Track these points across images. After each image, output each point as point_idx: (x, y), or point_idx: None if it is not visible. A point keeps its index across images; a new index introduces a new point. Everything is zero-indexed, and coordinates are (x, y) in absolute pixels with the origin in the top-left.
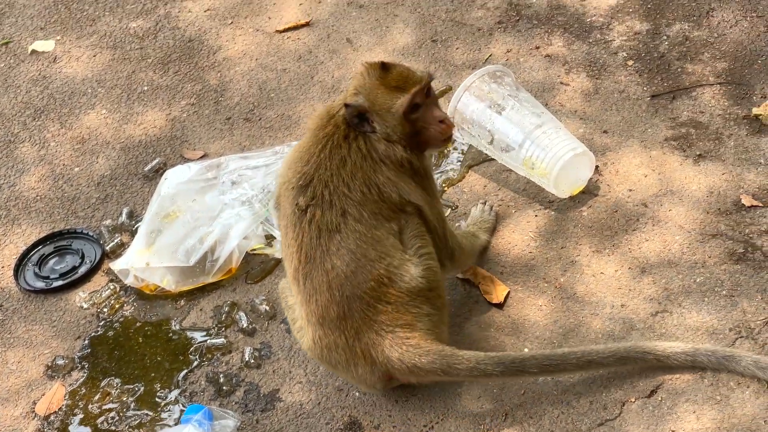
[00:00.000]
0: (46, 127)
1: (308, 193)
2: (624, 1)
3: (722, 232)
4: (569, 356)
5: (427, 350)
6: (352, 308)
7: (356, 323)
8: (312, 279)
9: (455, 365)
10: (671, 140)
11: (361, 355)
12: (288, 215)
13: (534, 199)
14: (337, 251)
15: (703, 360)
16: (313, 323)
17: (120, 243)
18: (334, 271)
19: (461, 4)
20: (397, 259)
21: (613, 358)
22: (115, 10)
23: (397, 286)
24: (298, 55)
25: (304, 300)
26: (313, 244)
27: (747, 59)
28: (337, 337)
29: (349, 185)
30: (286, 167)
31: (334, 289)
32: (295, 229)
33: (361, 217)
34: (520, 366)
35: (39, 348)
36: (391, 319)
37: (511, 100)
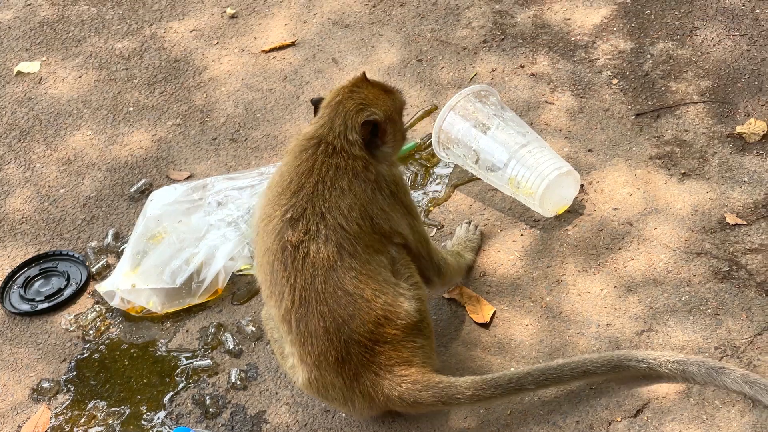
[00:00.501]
0: (31, 148)
1: (300, 227)
2: (608, 20)
3: (707, 250)
4: (564, 368)
5: (425, 385)
6: (351, 352)
7: (354, 366)
8: (307, 323)
9: (455, 395)
10: (656, 159)
11: (360, 395)
12: (274, 251)
13: (519, 219)
14: (334, 293)
15: (692, 371)
16: (308, 364)
17: (106, 265)
18: (331, 315)
19: (446, 23)
20: (390, 296)
21: (607, 366)
22: (100, 31)
23: (394, 324)
24: (283, 75)
25: (297, 341)
26: (308, 286)
27: (730, 77)
28: (334, 379)
29: (347, 217)
30: (265, 202)
31: (332, 333)
32: (287, 268)
33: (355, 252)
34: (517, 384)
35: (24, 371)
36: (389, 359)
37: (496, 119)
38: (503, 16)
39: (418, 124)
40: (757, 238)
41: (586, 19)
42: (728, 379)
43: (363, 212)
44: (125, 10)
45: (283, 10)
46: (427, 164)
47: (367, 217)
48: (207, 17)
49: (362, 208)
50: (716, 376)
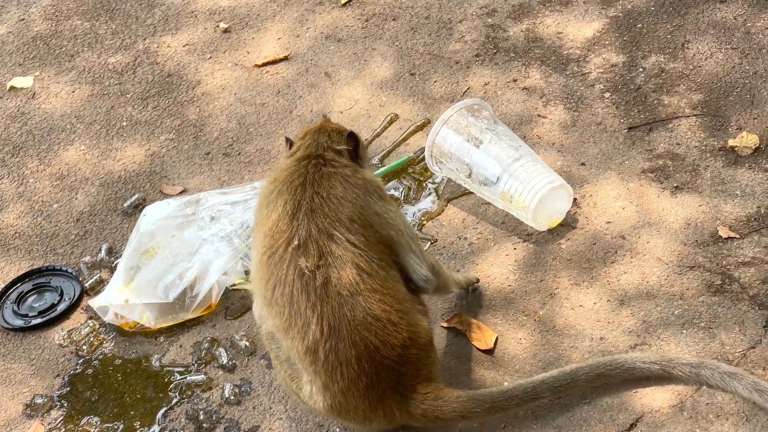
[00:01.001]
0: (24, 163)
1: (312, 252)
2: (600, 33)
3: (700, 263)
4: (578, 372)
5: (446, 400)
6: (380, 377)
7: (382, 389)
8: (338, 353)
9: (474, 409)
10: (648, 172)
11: (383, 415)
12: (291, 281)
13: (513, 232)
14: (364, 320)
15: (706, 374)
16: (333, 392)
17: (99, 280)
18: (362, 343)
19: (439, 37)
20: (411, 315)
21: (621, 369)
22: (93, 46)
23: (416, 344)
24: (276, 90)
25: (323, 371)
26: (337, 315)
27: (722, 91)
28: (360, 403)
29: (351, 230)
30: (263, 235)
31: (364, 361)
32: (309, 297)
33: (372, 270)
34: (533, 393)
35: (18, 386)
36: (411, 378)
37: (489, 133)
38: (496, 30)
39: (410, 138)
40: (750, 251)
41: (578, 32)
42: (740, 386)
43: (363, 221)
44: (118, 25)
45: (276, 24)
46: (420, 178)
47: (368, 225)
48: (200, 32)
49: (361, 215)
50: (729, 381)
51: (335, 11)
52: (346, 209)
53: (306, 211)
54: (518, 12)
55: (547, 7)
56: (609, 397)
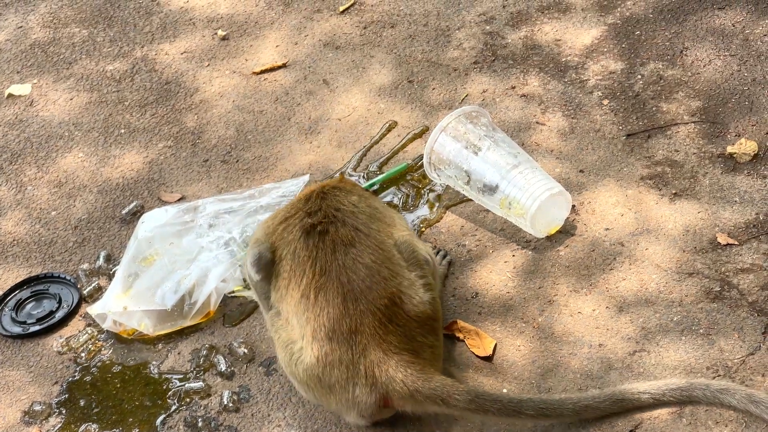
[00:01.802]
0: (22, 170)
1: (318, 215)
2: (598, 40)
3: (698, 270)
4: (566, 401)
5: (430, 377)
6: (365, 323)
7: (366, 339)
8: (326, 291)
9: (455, 395)
10: (647, 179)
11: (364, 374)
12: (296, 239)
13: (511, 239)
14: (353, 265)
15: (698, 395)
16: (320, 339)
17: (97, 287)
18: (349, 285)
19: (437, 44)
20: (406, 279)
21: (609, 401)
22: (91, 53)
23: (407, 308)
24: (275, 97)
25: (313, 315)
26: (329, 258)
27: (721, 98)
28: (343, 353)
29: (357, 207)
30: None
31: (349, 302)
32: (308, 245)
33: (370, 233)
34: (517, 407)
35: (16, 394)
36: (399, 342)
37: (488, 140)
38: (494, 37)
39: (409, 145)
40: (749, 258)
41: (576, 40)
42: (734, 400)
43: (368, 205)
44: (116, 32)
45: (274, 32)
46: (418, 185)
47: (372, 207)
48: (198, 39)
49: (367, 204)
50: (722, 397)
51: (333, 19)
52: (353, 197)
53: (318, 194)
54: (516, 19)
55: (546, 14)
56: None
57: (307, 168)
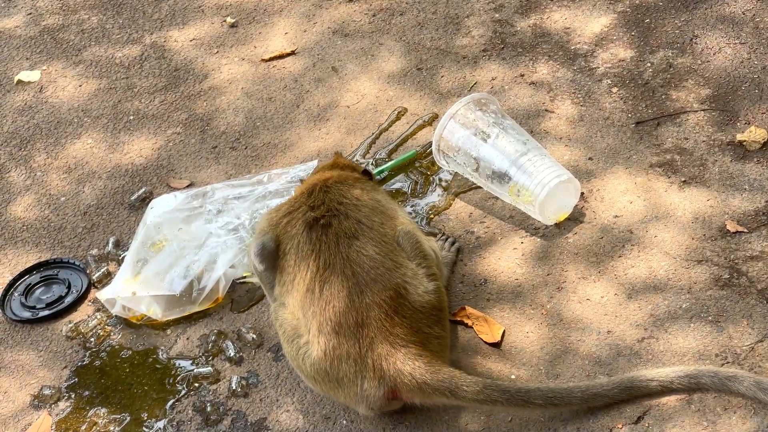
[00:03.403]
0: (32, 156)
1: (322, 208)
2: (608, 28)
3: (708, 257)
4: (574, 391)
5: (438, 369)
6: (371, 316)
7: (373, 332)
8: (331, 285)
9: (463, 387)
10: (656, 166)
11: (372, 367)
12: (299, 233)
13: (520, 226)
14: (357, 257)
15: (706, 382)
16: (326, 333)
17: (106, 272)
18: (354, 278)
19: (446, 32)
20: (410, 270)
21: (618, 389)
22: (100, 40)
23: (413, 298)
24: (283, 84)
25: (318, 309)
26: (332, 251)
27: (731, 86)
28: (350, 347)
29: (360, 200)
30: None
31: (354, 295)
32: (311, 239)
33: (372, 226)
34: (525, 396)
35: (26, 378)
36: (406, 334)
37: (496, 127)
38: (503, 24)
39: (418, 132)
40: (758, 245)
41: (586, 27)
42: (742, 387)
43: (371, 198)
44: (125, 19)
45: (283, 19)
46: (427, 172)
47: (375, 200)
48: (207, 26)
49: (369, 197)
50: (730, 384)
51: (342, 6)
52: (356, 190)
53: (322, 188)
54: (526, 7)
55: (555, 2)
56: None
57: (316, 155)
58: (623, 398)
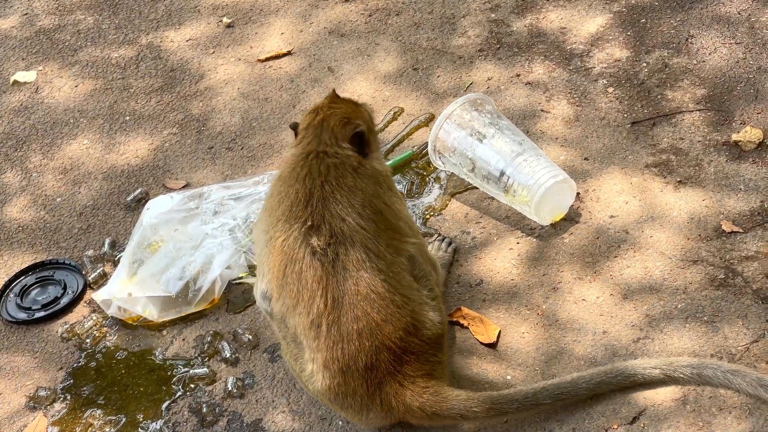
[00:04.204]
0: (28, 157)
1: (324, 231)
2: (604, 28)
3: (703, 258)
4: (579, 381)
5: (446, 397)
6: (380, 359)
7: (381, 374)
8: (340, 326)
9: (472, 409)
10: (652, 167)
11: (379, 404)
12: (301, 258)
13: (516, 227)
14: (367, 295)
15: (709, 374)
16: (333, 370)
17: (102, 273)
18: (364, 319)
19: (442, 32)
20: (417, 303)
21: (622, 376)
22: (96, 41)
23: (421, 334)
24: (279, 84)
25: (325, 346)
26: (341, 289)
27: (726, 86)
28: (357, 386)
29: (362, 215)
30: (274, 221)
31: (364, 338)
32: (316, 272)
33: (379, 252)
34: (533, 399)
35: (21, 379)
36: (414, 370)
37: (492, 128)
38: (499, 24)
39: (414, 132)
40: (753, 245)
41: (581, 27)
42: (744, 382)
43: (374, 208)
44: (121, 20)
45: (279, 19)
46: (423, 173)
47: (378, 212)
48: (203, 26)
49: (371, 203)
50: (732, 379)
51: (339, 6)
52: (357, 197)
53: (319, 198)
54: (522, 7)
55: (551, 2)
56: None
57: None
58: (627, 385)
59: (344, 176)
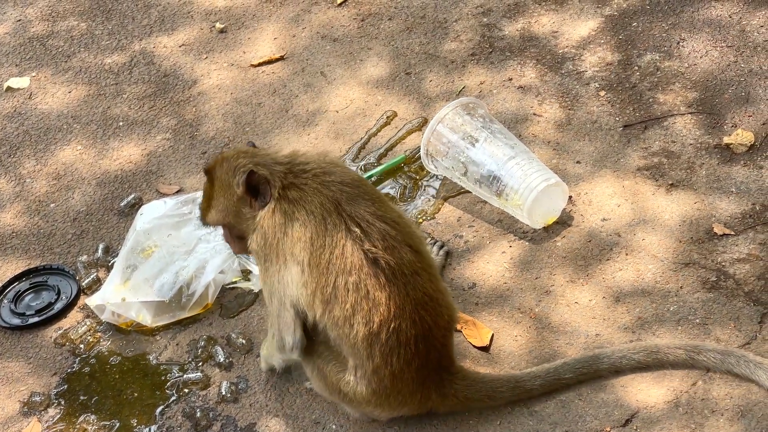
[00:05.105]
0: (21, 163)
1: (375, 237)
2: (595, 32)
3: (695, 260)
4: (601, 356)
5: (473, 380)
6: (429, 359)
7: (427, 371)
8: (399, 334)
9: (499, 389)
10: (644, 170)
11: (418, 399)
12: (358, 267)
13: (508, 230)
14: (422, 300)
15: (732, 361)
16: (383, 376)
17: (96, 279)
18: (420, 324)
19: (434, 37)
20: (448, 296)
21: (644, 353)
22: (89, 46)
23: (452, 327)
24: (272, 89)
25: (380, 354)
26: (402, 297)
27: (717, 89)
28: (404, 386)
29: (392, 216)
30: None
31: (420, 342)
32: (380, 279)
33: (419, 249)
34: (555, 374)
35: (15, 384)
36: (445, 360)
37: (485, 131)
38: (491, 29)
39: (407, 137)
40: (745, 248)
41: (573, 31)
42: (765, 375)
43: (391, 215)
44: (114, 25)
45: (272, 24)
46: (416, 177)
47: (394, 213)
48: (196, 32)
49: (383, 209)
50: (754, 369)
51: (331, 11)
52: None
53: (347, 202)
54: (513, 11)
55: (543, 6)
56: (604, 393)
57: None
58: (649, 364)
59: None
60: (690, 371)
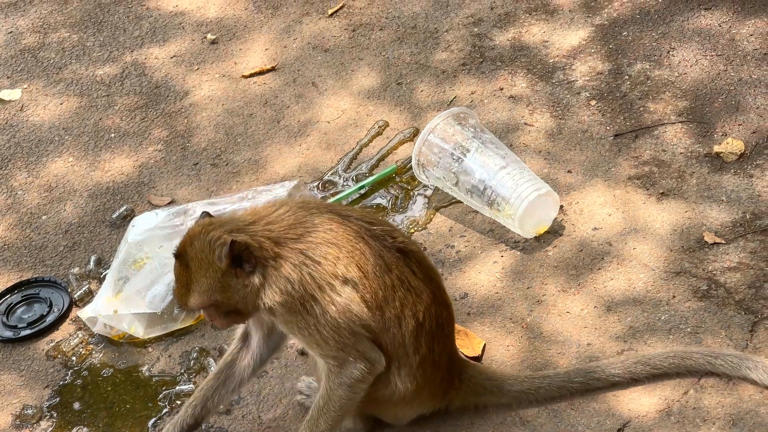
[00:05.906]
0: (13, 175)
1: (397, 234)
2: (586, 41)
3: (686, 269)
4: (614, 364)
5: (485, 377)
6: (452, 341)
7: (451, 355)
8: (438, 318)
9: (508, 386)
10: (634, 179)
11: (445, 388)
12: (391, 264)
13: (500, 240)
14: (439, 280)
15: (749, 365)
16: (426, 368)
17: (88, 291)
18: (447, 309)
19: (425, 47)
20: None
21: (665, 358)
22: (81, 58)
23: None
24: (264, 100)
25: (425, 343)
26: (427, 284)
27: (708, 98)
28: (438, 374)
29: None
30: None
31: (448, 323)
32: (414, 270)
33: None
34: (565, 377)
35: (7, 397)
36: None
37: (476, 141)
38: (482, 39)
39: (398, 147)
40: (735, 256)
41: (564, 41)
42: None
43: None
44: (106, 37)
45: (263, 35)
46: (407, 187)
47: None
48: (188, 43)
49: None
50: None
51: (322, 22)
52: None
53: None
54: (504, 21)
55: (533, 16)
56: (596, 402)
57: (296, 170)
58: (676, 371)
59: None
60: (681, 380)
